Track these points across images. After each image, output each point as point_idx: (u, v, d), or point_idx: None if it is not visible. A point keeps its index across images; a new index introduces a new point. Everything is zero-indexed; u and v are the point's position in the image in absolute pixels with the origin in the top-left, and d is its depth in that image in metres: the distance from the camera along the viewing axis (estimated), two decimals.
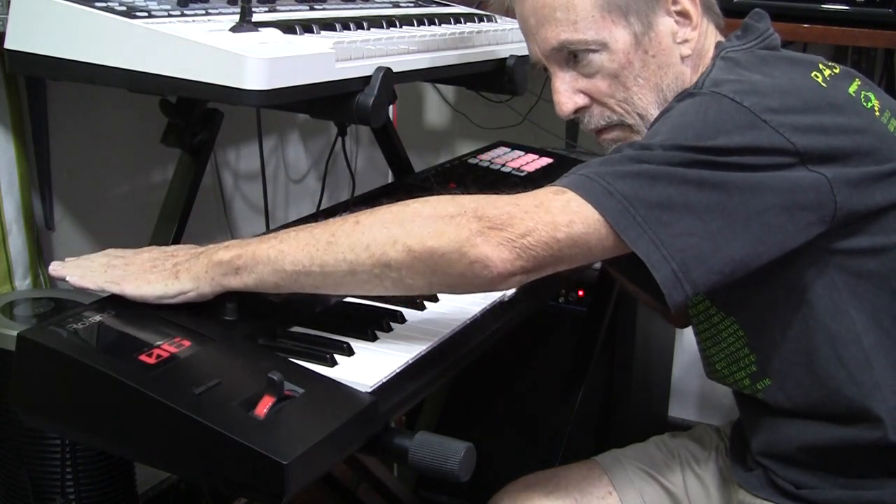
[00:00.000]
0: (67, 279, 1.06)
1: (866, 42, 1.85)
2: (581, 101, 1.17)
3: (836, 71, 1.11)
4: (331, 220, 1.03)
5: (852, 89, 1.10)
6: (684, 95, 1.08)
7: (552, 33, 1.14)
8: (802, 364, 1.12)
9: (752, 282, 1.03)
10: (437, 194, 1.02)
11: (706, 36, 1.17)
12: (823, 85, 1.08)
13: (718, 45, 1.17)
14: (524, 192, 1.01)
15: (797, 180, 1.00)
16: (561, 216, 0.97)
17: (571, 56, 1.15)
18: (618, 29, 1.12)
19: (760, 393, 1.19)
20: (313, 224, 1.03)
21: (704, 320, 1.24)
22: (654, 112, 1.15)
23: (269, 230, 1.62)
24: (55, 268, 1.08)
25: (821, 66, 1.11)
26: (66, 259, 1.10)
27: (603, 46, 1.13)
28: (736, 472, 1.29)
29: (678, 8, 1.15)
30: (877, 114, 1.09)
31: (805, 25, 1.85)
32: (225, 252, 1.01)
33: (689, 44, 1.15)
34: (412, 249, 0.96)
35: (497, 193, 1.02)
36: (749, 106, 1.01)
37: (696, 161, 0.98)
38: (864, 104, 1.09)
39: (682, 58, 1.15)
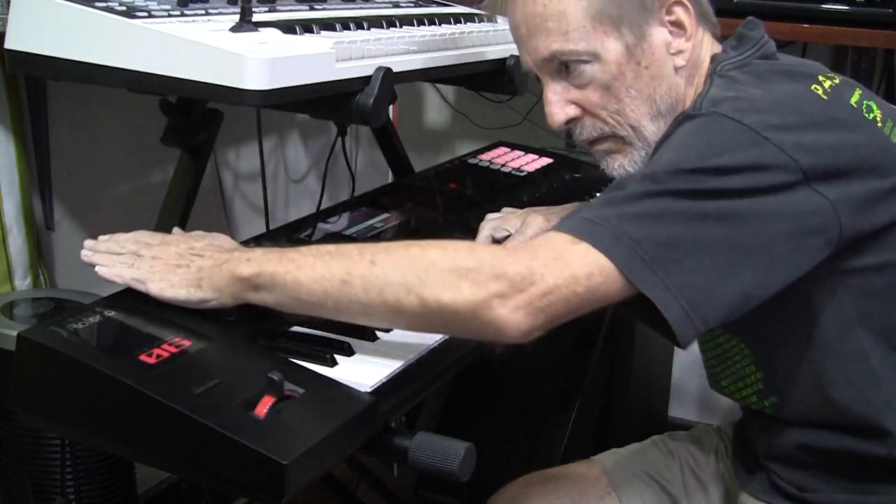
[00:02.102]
0: (97, 269, 1.07)
1: (866, 42, 1.85)
2: (573, 111, 1.15)
3: (836, 81, 1.09)
4: (348, 249, 1.00)
5: (854, 100, 1.08)
6: (683, 118, 1.06)
7: (543, 43, 1.13)
8: (810, 383, 1.11)
9: (760, 305, 1.01)
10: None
11: (702, 46, 1.16)
12: (824, 97, 1.06)
13: (714, 57, 1.16)
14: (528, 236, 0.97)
15: (801, 205, 0.98)
16: (580, 269, 0.94)
17: (563, 66, 1.13)
18: (609, 40, 1.11)
19: (768, 409, 1.18)
20: (330, 250, 1.00)
21: (710, 340, 1.23)
22: (646, 124, 1.13)
23: (269, 230, 1.62)
24: (87, 253, 1.09)
25: (820, 77, 1.09)
26: (99, 238, 1.11)
27: (594, 57, 1.11)
28: (738, 475, 1.28)
29: (672, 18, 1.13)
30: (879, 125, 1.07)
31: (805, 25, 1.84)
32: (245, 267, 1.01)
33: (683, 55, 1.13)
34: (426, 302, 0.94)
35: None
36: (749, 124, 0.99)
37: (700, 190, 0.96)
38: (866, 115, 1.07)
39: (676, 69, 1.13)
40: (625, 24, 1.10)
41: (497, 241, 1.32)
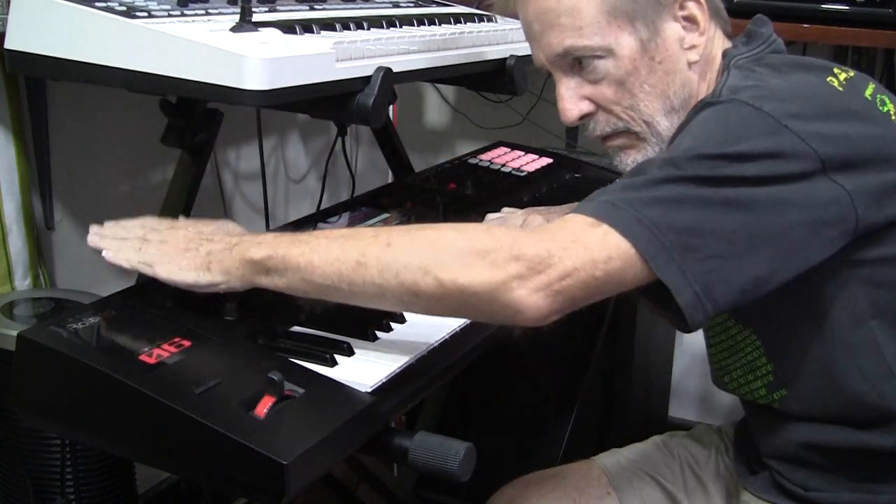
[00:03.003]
0: (104, 254, 1.08)
1: (866, 42, 1.85)
2: (586, 107, 1.15)
3: (851, 75, 1.10)
4: (362, 231, 1.02)
5: (868, 93, 1.08)
6: (702, 105, 1.06)
7: (557, 39, 1.12)
8: (822, 375, 1.11)
9: (772, 295, 1.01)
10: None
11: (714, 41, 1.16)
12: (840, 89, 1.06)
13: (726, 52, 1.16)
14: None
15: (819, 194, 0.98)
16: (599, 252, 0.93)
17: (576, 62, 1.13)
18: (623, 35, 1.11)
19: (776, 403, 1.17)
20: (344, 233, 1.01)
21: (721, 332, 1.22)
22: (660, 119, 1.13)
23: (269, 230, 1.62)
24: (93, 238, 1.11)
25: (836, 70, 1.09)
26: (105, 224, 1.12)
27: (608, 52, 1.11)
28: (741, 474, 1.28)
29: (685, 13, 1.13)
30: (893, 118, 1.07)
31: (805, 25, 1.85)
32: (257, 250, 1.01)
33: (696, 50, 1.14)
34: (443, 283, 0.93)
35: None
36: (769, 111, 0.99)
37: (720, 177, 0.96)
38: (881, 108, 1.07)
39: (690, 64, 1.14)
40: (639, 18, 1.11)
41: None
